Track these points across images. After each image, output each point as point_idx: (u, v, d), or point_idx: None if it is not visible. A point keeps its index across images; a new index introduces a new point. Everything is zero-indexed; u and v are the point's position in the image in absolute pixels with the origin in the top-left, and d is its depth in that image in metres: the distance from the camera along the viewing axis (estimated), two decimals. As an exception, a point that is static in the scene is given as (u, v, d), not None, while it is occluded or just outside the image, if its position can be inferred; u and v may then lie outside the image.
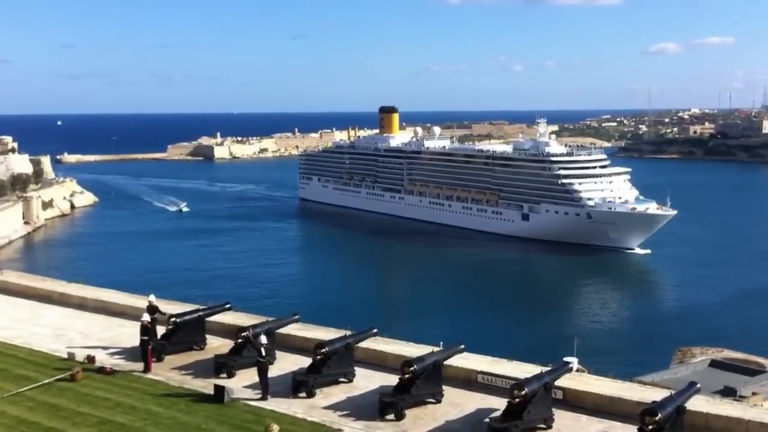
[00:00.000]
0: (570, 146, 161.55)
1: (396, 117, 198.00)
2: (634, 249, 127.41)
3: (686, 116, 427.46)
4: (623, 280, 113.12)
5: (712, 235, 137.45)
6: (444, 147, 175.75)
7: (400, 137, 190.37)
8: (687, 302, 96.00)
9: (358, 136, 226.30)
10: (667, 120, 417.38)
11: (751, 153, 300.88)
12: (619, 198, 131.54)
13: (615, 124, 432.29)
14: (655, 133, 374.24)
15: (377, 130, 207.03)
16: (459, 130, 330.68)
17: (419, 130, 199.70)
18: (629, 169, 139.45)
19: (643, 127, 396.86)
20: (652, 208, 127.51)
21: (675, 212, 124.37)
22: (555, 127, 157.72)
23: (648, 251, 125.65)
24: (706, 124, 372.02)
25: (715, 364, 52.04)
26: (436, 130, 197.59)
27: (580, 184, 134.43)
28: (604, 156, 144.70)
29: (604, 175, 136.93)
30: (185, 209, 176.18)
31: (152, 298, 28.33)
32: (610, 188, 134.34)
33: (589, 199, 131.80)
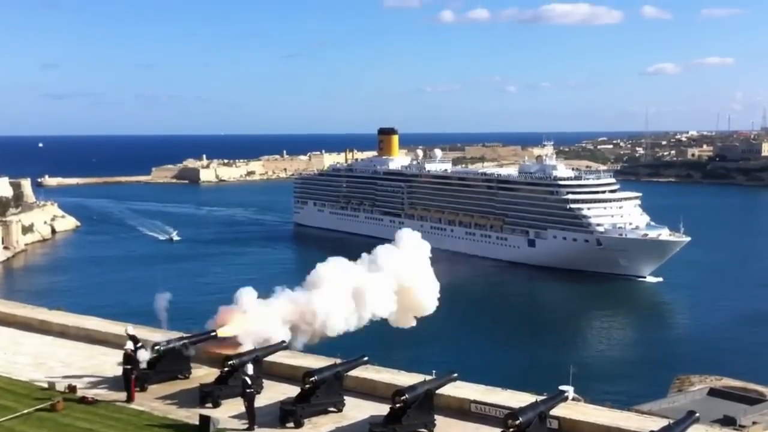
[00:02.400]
0: (578, 170, 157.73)
1: (395, 139, 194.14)
2: (645, 277, 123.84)
3: (684, 138, 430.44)
4: (627, 307, 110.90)
5: (722, 261, 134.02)
6: (446, 170, 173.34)
7: (399, 160, 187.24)
8: (688, 330, 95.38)
9: (356, 159, 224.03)
10: (664, 142, 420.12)
11: (751, 176, 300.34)
12: (630, 224, 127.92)
13: (611, 146, 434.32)
14: (653, 155, 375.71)
15: (374, 152, 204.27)
16: (452, 153, 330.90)
17: (420, 152, 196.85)
18: (639, 194, 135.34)
19: (640, 150, 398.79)
20: (664, 234, 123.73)
21: (688, 239, 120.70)
22: (547, 150, 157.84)
23: (660, 279, 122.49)
24: (704, 146, 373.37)
25: (714, 392, 51.60)
26: (438, 152, 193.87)
27: (588, 209, 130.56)
28: (614, 180, 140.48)
29: (614, 200, 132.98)
30: (176, 238, 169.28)
31: (130, 328, 27.53)
32: (620, 213, 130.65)
33: (598, 224, 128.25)
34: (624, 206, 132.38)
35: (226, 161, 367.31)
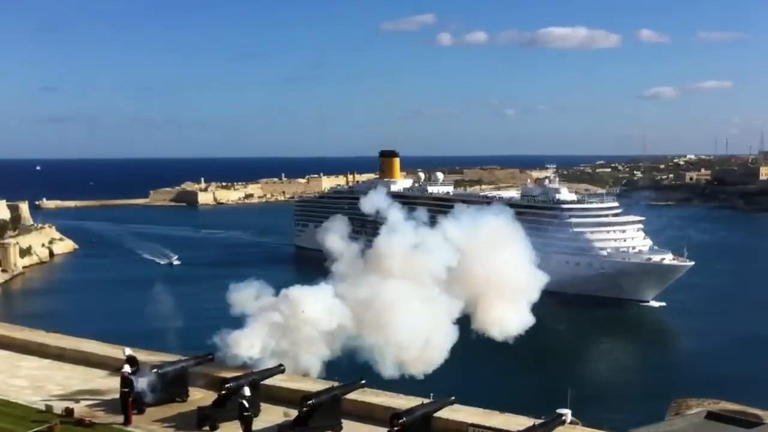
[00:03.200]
0: (581, 193, 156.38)
1: (397, 161, 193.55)
2: (648, 301, 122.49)
3: (682, 162, 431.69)
4: (628, 332, 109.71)
5: (725, 285, 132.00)
6: (447, 192, 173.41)
7: (401, 182, 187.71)
8: (687, 354, 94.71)
9: (357, 181, 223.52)
10: (662, 166, 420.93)
11: (749, 200, 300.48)
12: (633, 248, 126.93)
13: (610, 170, 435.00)
14: (651, 179, 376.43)
15: (374, 175, 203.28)
16: (450, 176, 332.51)
17: (422, 174, 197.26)
18: (643, 218, 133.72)
19: (638, 174, 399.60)
20: (668, 258, 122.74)
21: (692, 263, 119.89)
22: (549, 173, 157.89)
23: (663, 304, 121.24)
24: (702, 170, 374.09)
25: (711, 416, 51.24)
26: (439, 175, 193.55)
27: (592, 233, 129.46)
28: (617, 204, 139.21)
29: (617, 224, 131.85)
30: (176, 262, 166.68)
31: (129, 351, 27.57)
32: (624, 237, 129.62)
33: (601, 249, 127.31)
34: (627, 230, 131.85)
35: (224, 184, 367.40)
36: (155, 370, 26.69)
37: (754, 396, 62.24)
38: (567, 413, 22.57)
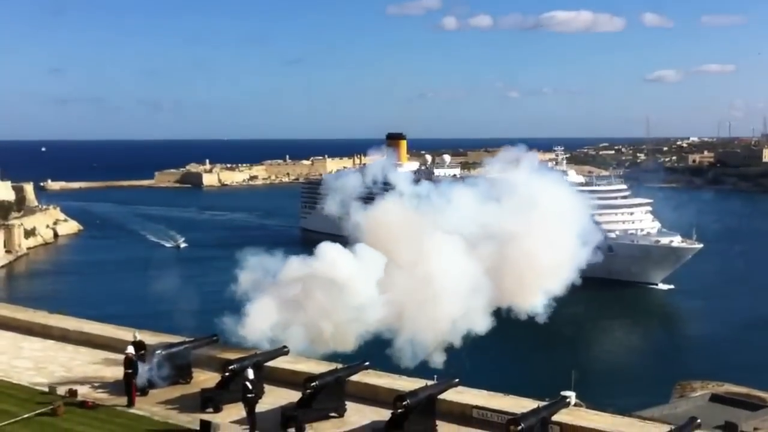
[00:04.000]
0: (588, 174, 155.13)
1: (404, 144, 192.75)
2: (657, 284, 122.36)
3: (685, 145, 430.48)
4: (634, 314, 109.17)
5: (734, 267, 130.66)
6: (455, 175, 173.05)
7: (408, 165, 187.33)
8: (693, 336, 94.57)
9: (364, 164, 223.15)
10: (665, 148, 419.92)
11: (752, 182, 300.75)
12: (642, 230, 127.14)
13: (613, 152, 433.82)
14: (654, 162, 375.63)
15: (381, 158, 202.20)
16: (455, 158, 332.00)
17: (429, 157, 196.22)
18: (651, 200, 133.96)
19: (642, 156, 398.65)
20: (676, 241, 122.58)
21: (701, 245, 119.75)
22: (551, 155, 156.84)
23: (671, 286, 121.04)
24: (705, 152, 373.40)
25: (715, 398, 51.41)
26: (446, 157, 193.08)
27: (600, 215, 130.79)
28: (625, 186, 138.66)
29: (625, 206, 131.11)
30: (183, 245, 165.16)
31: (137, 334, 27.48)
32: (632, 220, 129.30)
33: (609, 231, 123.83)
34: (635, 212, 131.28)
35: (228, 166, 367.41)
36: (159, 351, 26.64)
37: (759, 379, 62.29)
38: (571, 395, 22.53)
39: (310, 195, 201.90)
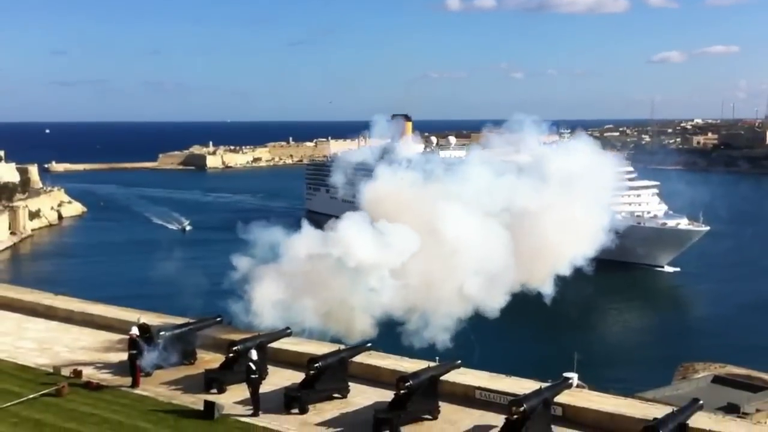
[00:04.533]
0: None
1: (409, 126, 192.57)
2: (663, 266, 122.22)
3: (689, 126, 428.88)
4: (639, 297, 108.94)
5: (741, 250, 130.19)
6: (460, 157, 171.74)
7: (414, 147, 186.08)
8: (696, 318, 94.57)
9: (369, 146, 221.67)
10: (670, 130, 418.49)
11: (755, 164, 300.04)
12: (648, 212, 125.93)
13: (618, 134, 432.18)
14: (659, 143, 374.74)
15: (387, 140, 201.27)
16: (458, 140, 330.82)
17: (434, 139, 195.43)
18: (658, 183, 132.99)
19: (646, 138, 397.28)
20: (683, 223, 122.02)
21: (708, 228, 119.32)
22: (555, 137, 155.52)
23: (677, 269, 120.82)
24: (709, 134, 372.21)
25: (718, 380, 51.62)
26: (452, 139, 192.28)
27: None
28: (632, 168, 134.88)
29: (632, 188, 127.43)
30: (188, 228, 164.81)
31: (142, 319, 27.50)
32: (638, 202, 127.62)
33: (616, 213, 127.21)
34: (642, 194, 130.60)
35: (232, 148, 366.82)
36: (163, 333, 26.74)
37: (761, 360, 62.37)
38: (573, 377, 22.56)
39: (316, 176, 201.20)
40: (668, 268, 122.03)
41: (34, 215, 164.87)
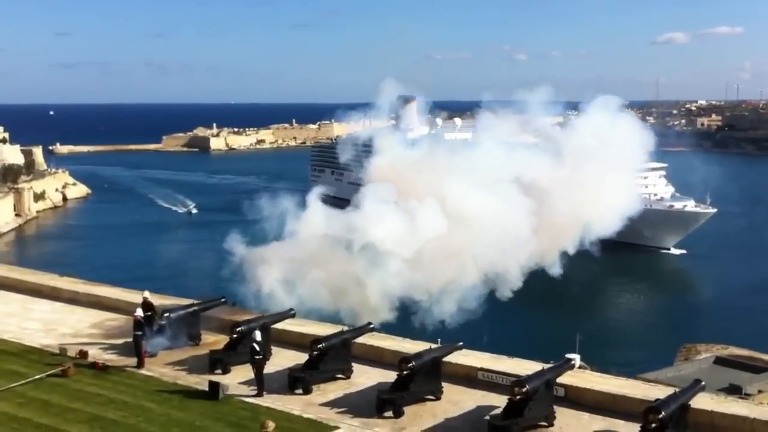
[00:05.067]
0: None
1: (414, 105, 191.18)
2: (669, 249, 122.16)
3: (693, 108, 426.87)
4: (644, 279, 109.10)
5: (748, 232, 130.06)
6: (466, 139, 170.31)
7: (420, 128, 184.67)
8: (700, 300, 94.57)
9: (374, 127, 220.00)
10: (674, 112, 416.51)
11: (759, 146, 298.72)
12: (655, 195, 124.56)
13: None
14: (663, 125, 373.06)
15: (390, 121, 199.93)
16: (464, 121, 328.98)
17: (439, 120, 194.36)
18: (665, 165, 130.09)
19: (651, 119, 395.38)
20: (690, 205, 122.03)
21: (715, 210, 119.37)
22: (560, 119, 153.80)
23: (683, 251, 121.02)
24: (714, 116, 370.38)
25: (720, 361, 51.83)
26: (458, 121, 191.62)
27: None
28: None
29: (639, 170, 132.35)
30: (195, 211, 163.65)
31: (147, 294, 27.61)
32: (645, 184, 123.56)
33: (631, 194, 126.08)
34: (649, 177, 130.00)
35: (236, 130, 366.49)
36: (167, 314, 26.88)
37: (764, 342, 62.45)
38: (576, 358, 22.66)
39: (321, 158, 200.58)
40: (675, 251, 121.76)
41: (38, 197, 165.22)
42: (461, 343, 23.93)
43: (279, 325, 26.80)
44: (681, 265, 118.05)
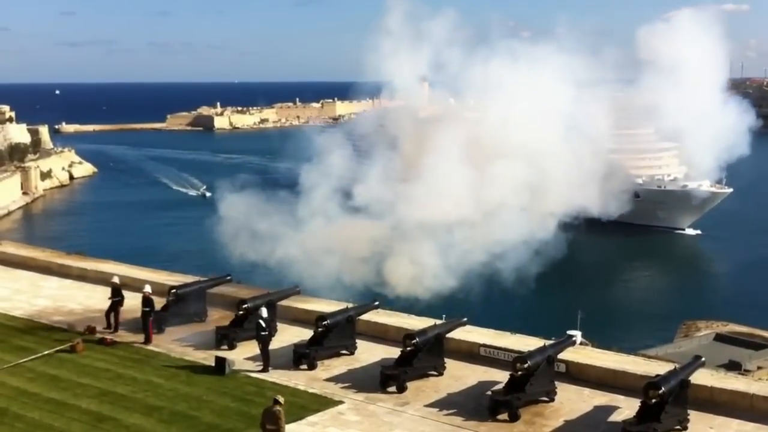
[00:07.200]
0: None
1: (426, 86, 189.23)
2: (684, 229, 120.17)
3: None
4: (655, 258, 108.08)
5: (764, 212, 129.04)
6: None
7: (429, 108, 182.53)
8: (701, 278, 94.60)
9: (383, 108, 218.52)
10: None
11: (765, 124, 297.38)
12: (668, 175, 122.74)
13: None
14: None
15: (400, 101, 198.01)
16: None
17: (452, 100, 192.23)
18: (679, 144, 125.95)
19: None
20: (705, 185, 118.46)
21: (730, 190, 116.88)
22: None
23: (698, 232, 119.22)
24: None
25: (720, 337, 52.20)
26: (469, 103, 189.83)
27: (627, 159, 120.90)
28: (652, 130, 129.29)
29: (652, 150, 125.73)
30: (208, 194, 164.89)
31: (148, 288, 26.54)
32: (659, 164, 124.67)
33: (636, 176, 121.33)
34: (663, 157, 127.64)
35: (239, 109, 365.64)
36: (174, 290, 27.20)
37: (764, 319, 62.65)
38: (577, 334, 22.88)
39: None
40: (689, 231, 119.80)
41: (45, 176, 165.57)
42: (465, 319, 24.18)
43: (284, 302, 27.09)
44: (695, 246, 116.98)
